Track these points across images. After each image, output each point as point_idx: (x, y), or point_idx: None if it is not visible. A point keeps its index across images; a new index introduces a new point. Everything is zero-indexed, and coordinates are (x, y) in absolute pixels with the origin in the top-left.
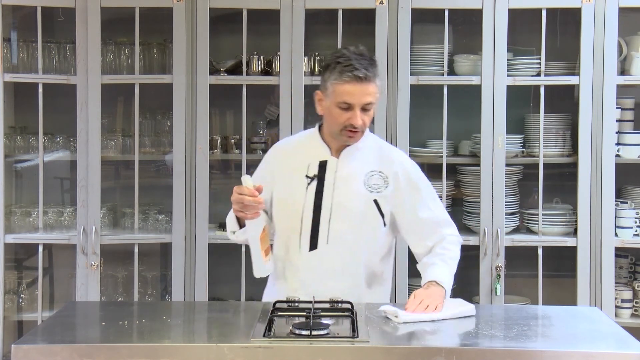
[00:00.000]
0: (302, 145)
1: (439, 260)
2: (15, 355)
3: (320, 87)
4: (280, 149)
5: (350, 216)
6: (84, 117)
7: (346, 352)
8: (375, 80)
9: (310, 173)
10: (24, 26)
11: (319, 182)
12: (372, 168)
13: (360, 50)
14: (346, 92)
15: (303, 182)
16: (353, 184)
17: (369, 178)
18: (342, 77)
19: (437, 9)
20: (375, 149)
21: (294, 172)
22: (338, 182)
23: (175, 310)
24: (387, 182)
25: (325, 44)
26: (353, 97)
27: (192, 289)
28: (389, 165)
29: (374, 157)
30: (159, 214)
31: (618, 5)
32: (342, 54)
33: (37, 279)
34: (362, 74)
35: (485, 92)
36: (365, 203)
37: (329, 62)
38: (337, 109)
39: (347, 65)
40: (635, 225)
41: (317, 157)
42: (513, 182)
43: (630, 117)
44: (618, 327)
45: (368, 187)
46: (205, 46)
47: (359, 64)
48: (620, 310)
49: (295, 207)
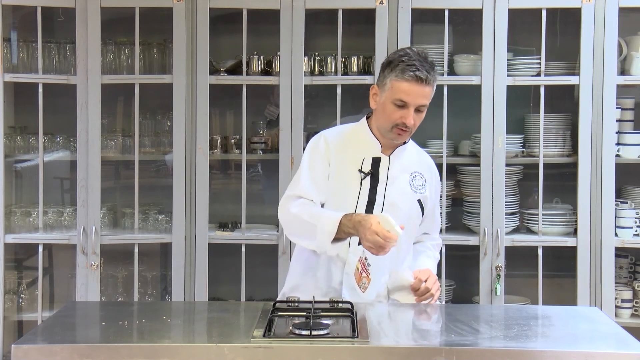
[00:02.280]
0: (354, 138)
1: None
2: (15, 355)
3: (377, 82)
4: (330, 139)
5: (399, 214)
6: (84, 117)
7: (346, 352)
8: (433, 84)
9: (364, 168)
10: (24, 26)
11: (372, 178)
12: (415, 169)
13: (424, 53)
14: (404, 91)
15: (357, 176)
16: (401, 184)
17: (413, 179)
18: (403, 75)
19: (437, 9)
20: (414, 152)
21: (348, 165)
22: (390, 180)
23: (175, 310)
24: (425, 184)
25: (325, 44)
26: (410, 96)
27: (192, 289)
28: (426, 168)
29: (416, 159)
30: (159, 214)
31: (618, 5)
32: (406, 53)
33: (37, 279)
34: (423, 75)
35: (485, 92)
36: (411, 203)
37: (391, 58)
38: (392, 105)
39: (410, 64)
40: (635, 225)
41: (370, 153)
42: (513, 182)
43: (630, 117)
44: (618, 327)
45: (413, 188)
46: (205, 46)
47: (421, 65)
48: (620, 310)
49: (349, 200)
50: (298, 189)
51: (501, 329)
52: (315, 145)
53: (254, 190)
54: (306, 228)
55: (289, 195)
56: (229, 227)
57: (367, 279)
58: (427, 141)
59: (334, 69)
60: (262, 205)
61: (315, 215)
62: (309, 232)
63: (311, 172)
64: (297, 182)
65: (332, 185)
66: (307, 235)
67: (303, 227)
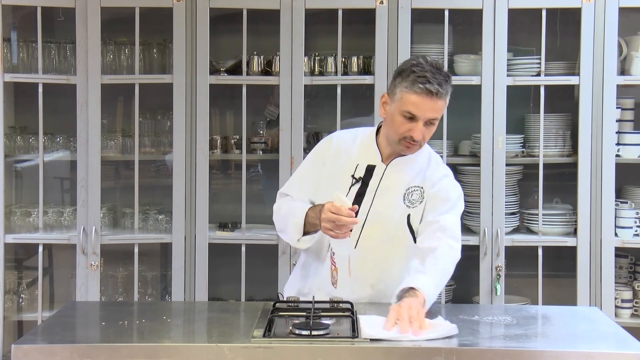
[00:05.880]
0: (357, 143)
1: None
2: (15, 355)
3: (388, 91)
4: (335, 142)
5: (383, 226)
6: (84, 117)
7: (346, 352)
8: (445, 98)
9: (356, 174)
10: (24, 26)
11: (362, 185)
12: (415, 183)
13: (438, 63)
14: (413, 103)
15: (348, 181)
16: (393, 195)
17: (410, 193)
18: (413, 86)
19: (437, 9)
20: (423, 165)
21: (341, 169)
22: (380, 190)
23: (175, 310)
24: (422, 198)
25: (325, 44)
26: (419, 109)
27: (192, 289)
28: (430, 184)
29: (420, 172)
30: (159, 214)
31: (618, 5)
32: (419, 63)
33: (37, 279)
34: (434, 89)
35: (485, 92)
36: (400, 217)
37: (403, 67)
38: (401, 117)
39: (421, 75)
40: (635, 225)
41: (367, 161)
42: (513, 182)
43: (630, 117)
44: (618, 327)
45: (406, 202)
46: (205, 46)
47: (433, 77)
48: (620, 310)
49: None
50: (286, 187)
51: (501, 329)
52: (318, 146)
53: (254, 190)
54: (283, 222)
55: (279, 192)
56: (229, 227)
57: (336, 270)
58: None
59: (334, 69)
60: (262, 205)
61: (290, 209)
62: (284, 226)
63: (302, 172)
64: (289, 180)
65: (325, 188)
66: (284, 229)
67: (281, 222)
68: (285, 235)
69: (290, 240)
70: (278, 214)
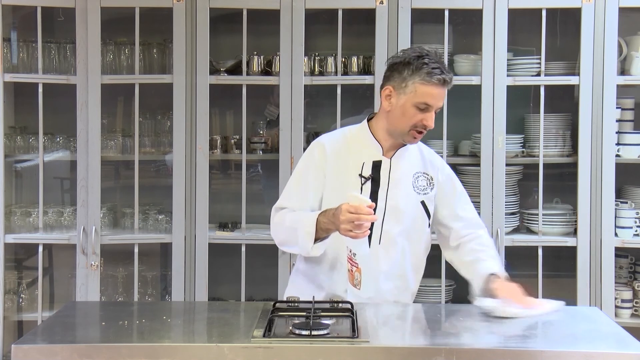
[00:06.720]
0: (353, 142)
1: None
2: (15, 355)
3: (392, 84)
4: (328, 146)
5: (401, 218)
6: (84, 117)
7: (346, 352)
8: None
9: (365, 173)
10: (24, 26)
11: (373, 182)
12: (418, 169)
13: (438, 53)
14: (430, 94)
15: (357, 181)
16: (404, 186)
17: (416, 180)
18: (431, 78)
19: (437, 9)
20: (417, 151)
21: (347, 171)
22: (391, 183)
23: (175, 310)
24: (431, 184)
25: (325, 44)
26: (435, 99)
27: (192, 289)
28: (431, 167)
29: (418, 158)
30: (159, 214)
31: (618, 5)
32: (427, 54)
33: (37, 279)
34: (448, 78)
35: (485, 92)
36: (414, 205)
37: (408, 59)
38: (414, 108)
39: (435, 67)
40: (635, 225)
41: (371, 157)
42: (513, 182)
43: (630, 117)
44: (618, 327)
45: (416, 189)
46: (205, 46)
47: (443, 66)
48: (620, 310)
49: None
50: (283, 200)
51: (501, 329)
52: (310, 154)
53: (254, 190)
54: (289, 234)
55: (275, 207)
56: (229, 227)
57: (358, 271)
58: (427, 141)
59: (334, 69)
60: (262, 205)
61: (295, 219)
62: (292, 237)
63: (299, 182)
64: (284, 193)
65: (332, 194)
66: (292, 240)
67: (286, 234)
68: (294, 246)
69: (301, 250)
70: (281, 227)
